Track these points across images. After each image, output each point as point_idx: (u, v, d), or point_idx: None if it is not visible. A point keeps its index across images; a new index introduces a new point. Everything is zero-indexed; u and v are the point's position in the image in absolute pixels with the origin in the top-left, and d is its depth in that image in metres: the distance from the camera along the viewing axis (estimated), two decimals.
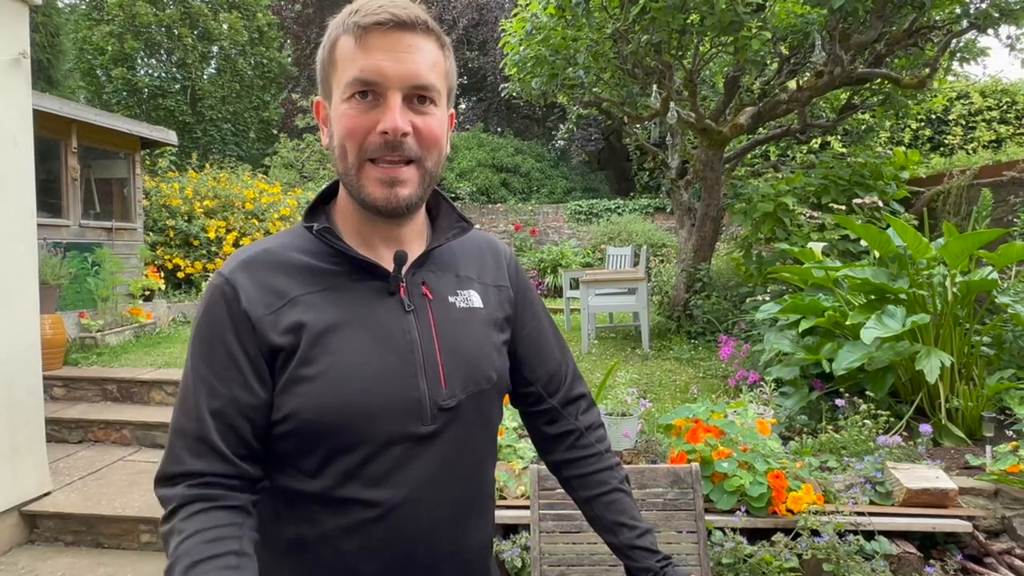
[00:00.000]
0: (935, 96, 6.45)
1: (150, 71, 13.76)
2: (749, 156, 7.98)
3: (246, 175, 9.42)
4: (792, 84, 5.66)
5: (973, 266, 3.32)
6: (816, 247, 3.99)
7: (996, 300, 3.25)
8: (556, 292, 9.89)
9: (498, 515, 2.50)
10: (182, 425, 0.79)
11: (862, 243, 4.12)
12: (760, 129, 6.21)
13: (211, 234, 7.90)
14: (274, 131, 14.73)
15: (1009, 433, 2.94)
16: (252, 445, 0.80)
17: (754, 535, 2.34)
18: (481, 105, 14.92)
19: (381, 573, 0.82)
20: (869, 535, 2.29)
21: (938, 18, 4.81)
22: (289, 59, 15.09)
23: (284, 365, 0.80)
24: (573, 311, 6.83)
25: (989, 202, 4.09)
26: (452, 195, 11.58)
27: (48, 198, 5.88)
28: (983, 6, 4.43)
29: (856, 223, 3.50)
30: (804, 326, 3.38)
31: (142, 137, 7.03)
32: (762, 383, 3.50)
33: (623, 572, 0.99)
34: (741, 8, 4.20)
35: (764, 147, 8.42)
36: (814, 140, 8.14)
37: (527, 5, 5.18)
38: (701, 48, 5.07)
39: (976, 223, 4.08)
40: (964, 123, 8.81)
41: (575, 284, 6.61)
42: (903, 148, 7.16)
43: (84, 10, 13.66)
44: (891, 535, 2.33)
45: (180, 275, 7.79)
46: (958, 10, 4.58)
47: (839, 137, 7.94)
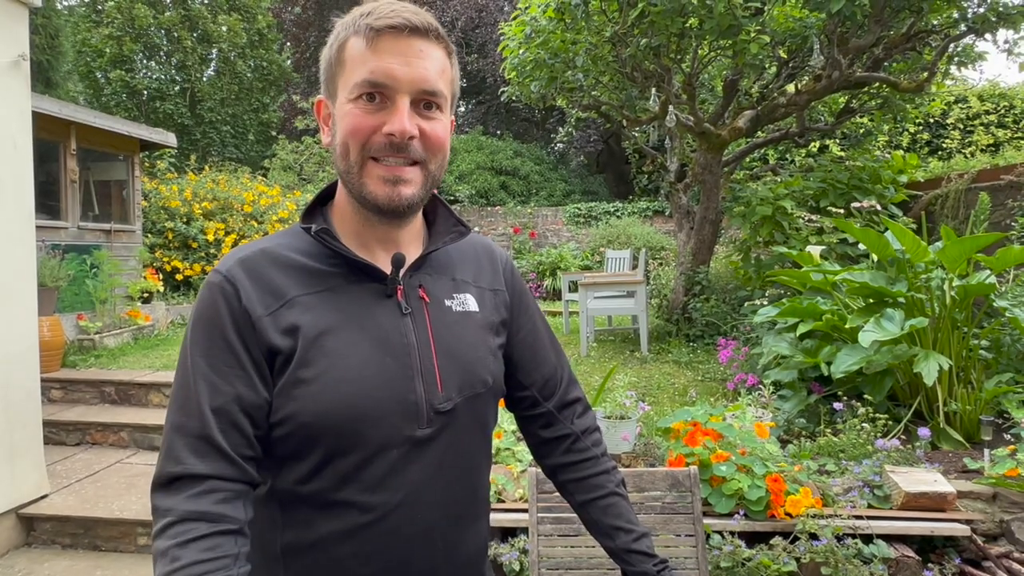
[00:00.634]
0: (933, 100, 6.48)
1: (149, 73, 13.76)
2: (748, 159, 7.99)
3: (245, 177, 9.43)
4: (790, 88, 5.68)
5: (971, 270, 3.33)
6: (814, 250, 3.99)
7: (994, 304, 3.26)
8: (555, 295, 9.89)
9: (496, 518, 2.50)
10: (182, 423, 0.76)
11: (860, 247, 4.13)
12: (759, 132, 6.23)
13: (210, 236, 7.89)
14: (273, 133, 14.73)
15: (1007, 437, 2.95)
16: (254, 445, 0.79)
17: (752, 539, 2.34)
18: (480, 108, 14.94)
19: None
20: (867, 539, 2.29)
21: (936, 22, 4.82)
22: (288, 62, 15.11)
23: (282, 368, 0.79)
24: (572, 314, 6.84)
25: (987, 206, 4.10)
26: (451, 198, 11.58)
27: (47, 200, 5.88)
28: (981, 10, 4.45)
29: (855, 227, 3.50)
30: (802, 329, 3.39)
31: (141, 139, 7.03)
32: (760, 386, 3.51)
33: None
34: (739, 12, 4.21)
35: (763, 150, 8.43)
36: (812, 144, 8.16)
37: (526, 8, 5.19)
38: (700, 52, 5.08)
39: (974, 227, 4.09)
40: (962, 127, 8.83)
41: (574, 287, 6.61)
42: (901, 152, 7.18)
43: (83, 12, 13.66)
44: (889, 539, 2.33)
45: (179, 277, 7.78)
46: (956, 14, 4.60)
47: (837, 141, 7.96)
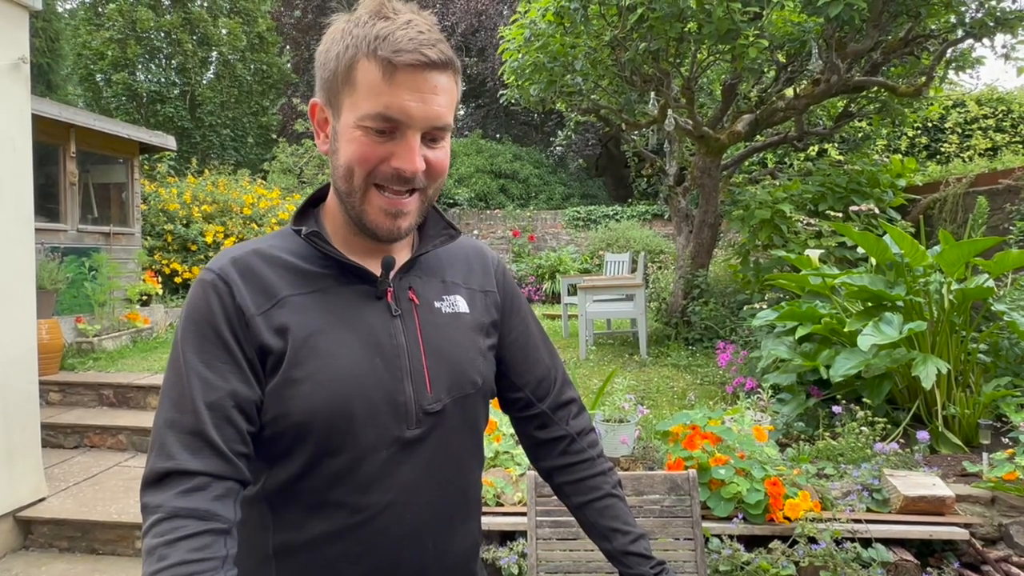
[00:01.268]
0: (931, 104, 6.49)
1: (149, 76, 13.79)
2: (746, 163, 8.01)
3: (245, 180, 9.43)
4: (789, 92, 5.69)
5: (969, 274, 3.33)
6: (813, 254, 4.00)
7: (992, 308, 3.26)
8: (554, 298, 9.89)
9: (495, 522, 2.50)
10: (173, 419, 0.75)
11: (859, 250, 4.13)
12: (757, 136, 6.24)
13: (209, 239, 7.90)
14: (273, 136, 14.75)
15: (1005, 440, 2.95)
16: (247, 442, 0.78)
17: (751, 542, 2.34)
18: (480, 111, 14.97)
19: None
20: (866, 543, 2.29)
21: (934, 27, 4.84)
22: (288, 65, 15.12)
23: (274, 368, 0.79)
24: (571, 317, 6.84)
25: (985, 210, 4.11)
26: (450, 201, 11.59)
27: (46, 203, 5.88)
28: (978, 15, 4.47)
29: (854, 230, 3.51)
30: (801, 333, 3.39)
31: (141, 142, 7.04)
32: (759, 390, 3.51)
33: None
34: (738, 17, 4.23)
35: (761, 154, 8.44)
36: (811, 147, 8.18)
37: (526, 12, 5.20)
38: (699, 56, 5.09)
39: (972, 231, 4.10)
40: (960, 131, 8.85)
41: (573, 290, 6.62)
42: (900, 156, 7.20)
43: (84, 15, 13.69)
44: (888, 543, 2.33)
45: (177, 280, 7.78)
46: (953, 19, 4.61)
47: (836, 144, 7.98)
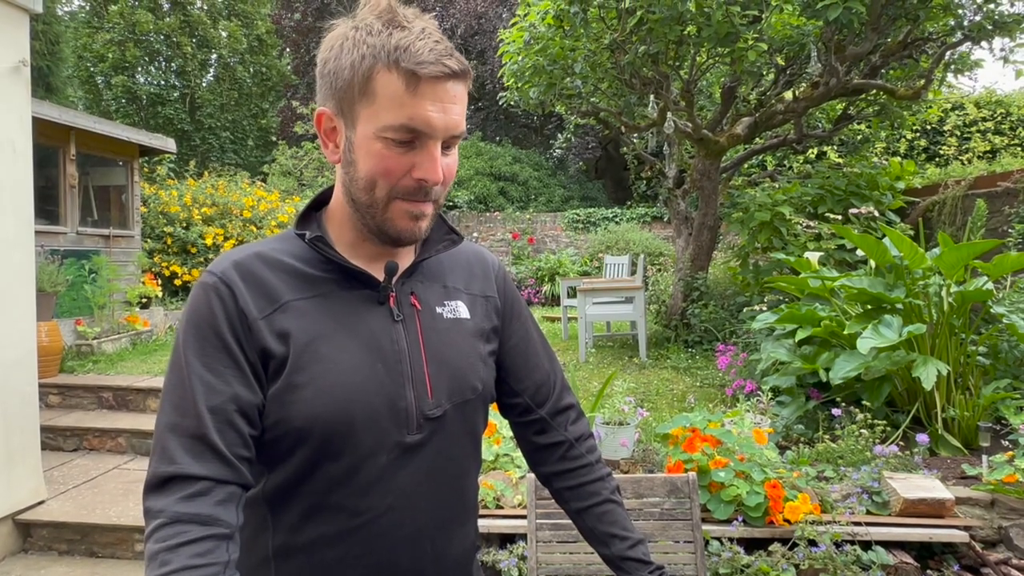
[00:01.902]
0: (930, 107, 6.50)
1: (149, 79, 13.80)
2: (746, 166, 8.02)
3: (244, 183, 9.44)
4: (788, 95, 5.70)
5: (968, 276, 3.34)
6: (812, 257, 4.00)
7: (991, 310, 3.27)
8: (553, 301, 9.89)
9: (495, 525, 2.50)
10: (175, 423, 0.74)
11: (858, 253, 4.14)
12: (757, 139, 6.25)
13: (209, 241, 7.90)
14: (273, 138, 14.76)
15: (1005, 443, 2.95)
16: (250, 446, 0.77)
17: (751, 545, 2.34)
18: (479, 114, 14.98)
19: None
20: (866, 545, 2.29)
21: (932, 30, 4.85)
22: (288, 67, 15.14)
23: (276, 372, 0.79)
24: (571, 320, 6.84)
25: (984, 212, 4.12)
26: (450, 203, 11.59)
27: (46, 205, 5.88)
28: (977, 19, 4.48)
29: (853, 233, 3.51)
30: (801, 335, 3.39)
31: (141, 145, 7.04)
32: (759, 392, 3.51)
33: None
34: (737, 20, 4.24)
35: (761, 157, 8.46)
36: (810, 150, 8.20)
37: (525, 15, 5.21)
38: (698, 59, 5.10)
39: (971, 233, 4.11)
40: (959, 134, 8.87)
41: (572, 293, 6.62)
42: (899, 158, 7.21)
43: (84, 18, 13.71)
44: (888, 545, 2.33)
45: (177, 282, 7.78)
46: (952, 22, 4.62)
47: (835, 147, 7.99)
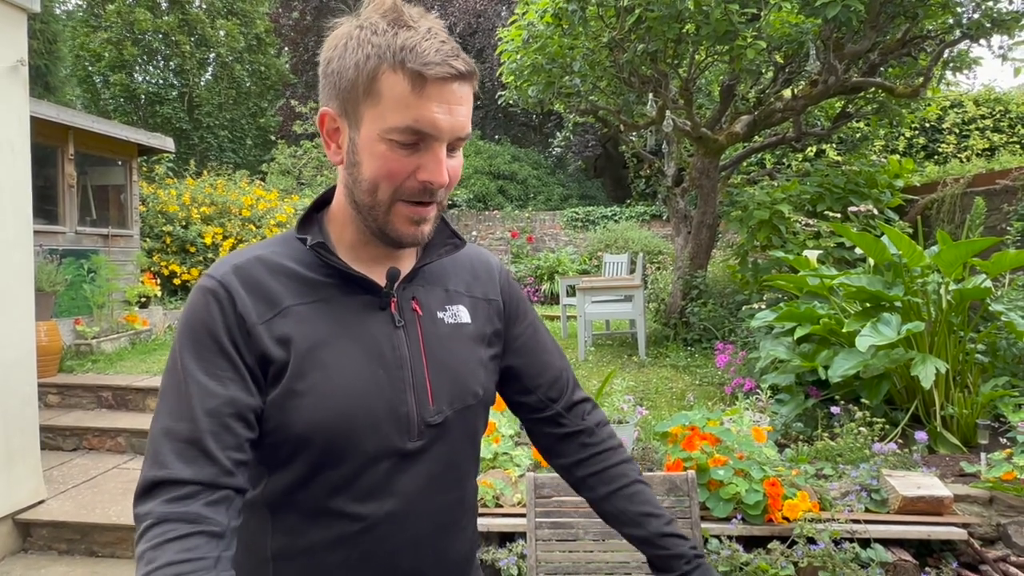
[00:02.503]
0: (929, 105, 6.51)
1: (147, 78, 13.78)
2: (745, 164, 8.02)
3: (243, 182, 9.43)
4: (787, 93, 5.70)
5: (967, 274, 3.34)
6: (811, 255, 4.01)
7: (990, 308, 3.27)
8: (553, 299, 9.89)
9: (494, 523, 2.50)
10: (169, 427, 0.73)
11: (857, 251, 4.14)
12: (756, 137, 6.25)
13: (208, 240, 7.89)
14: (271, 137, 14.75)
15: (1003, 440, 2.95)
16: (246, 450, 0.76)
17: (750, 543, 2.34)
18: (478, 112, 14.96)
19: None
20: (865, 543, 2.29)
21: (931, 28, 4.85)
22: (287, 66, 15.12)
23: (276, 378, 0.78)
24: (570, 318, 6.84)
25: (982, 210, 4.12)
26: (449, 202, 11.55)
27: (44, 205, 5.88)
28: (975, 16, 4.48)
29: (852, 231, 3.52)
30: (800, 333, 3.40)
31: (139, 144, 7.03)
32: (758, 390, 3.51)
33: None
34: (736, 18, 4.23)
35: (760, 155, 8.46)
36: (809, 148, 8.19)
37: (524, 14, 5.21)
38: (696, 57, 5.10)
39: (970, 231, 4.11)
40: (958, 131, 8.87)
41: (572, 291, 6.62)
42: (897, 156, 7.22)
43: (82, 16, 13.68)
44: (887, 543, 2.33)
45: (176, 282, 7.78)
46: (951, 20, 4.63)
47: (834, 145, 7.99)
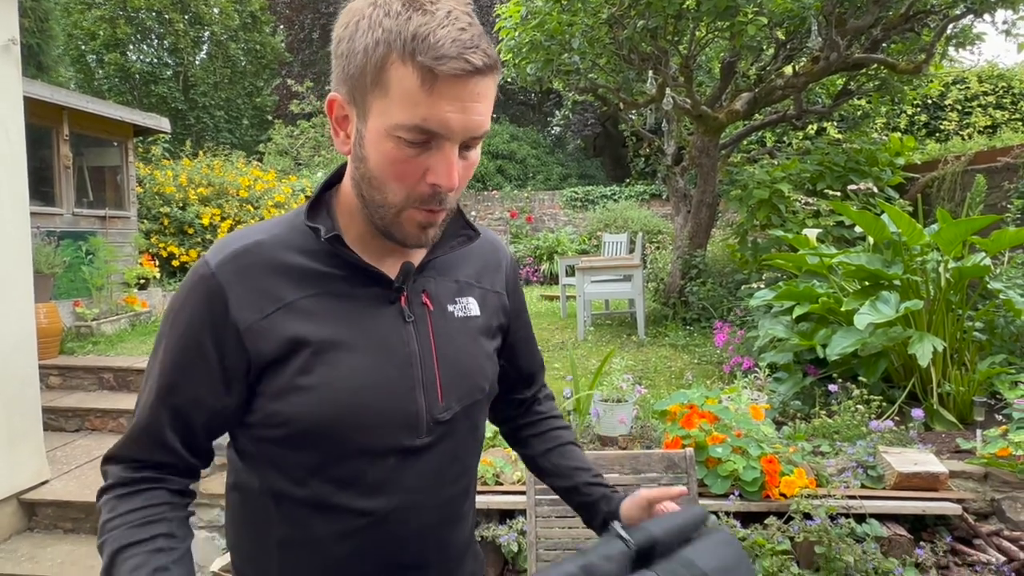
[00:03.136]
0: (931, 81, 6.44)
1: (142, 56, 13.61)
2: (745, 142, 7.97)
3: (240, 162, 9.37)
4: (788, 70, 5.65)
5: (966, 252, 3.34)
6: (811, 234, 4.00)
7: (988, 286, 3.28)
8: (552, 279, 9.89)
9: (494, 501, 2.53)
10: (138, 415, 0.79)
11: (857, 229, 4.13)
12: (756, 115, 6.20)
13: (206, 221, 7.86)
14: (268, 117, 14.61)
15: (999, 417, 2.98)
16: (204, 444, 0.81)
17: (747, 519, 2.37)
18: None
19: (371, 575, 0.83)
20: (860, 518, 2.32)
21: (935, 3, 4.79)
22: (282, 44, 14.93)
23: (278, 372, 0.77)
24: (569, 298, 6.85)
25: (983, 188, 4.11)
26: None
27: (41, 186, 5.84)
28: None
29: (851, 209, 3.51)
30: (798, 312, 3.40)
31: (135, 124, 6.97)
32: (756, 369, 3.53)
33: None
34: None
35: (760, 133, 8.40)
36: (810, 126, 8.13)
37: None
38: (697, 34, 5.04)
39: (970, 209, 4.10)
40: (960, 108, 8.81)
41: (571, 271, 6.62)
42: (899, 134, 7.16)
43: None
44: (882, 518, 2.36)
45: (175, 263, 7.77)
46: None
47: (835, 123, 7.93)
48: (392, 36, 0.68)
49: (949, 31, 5.03)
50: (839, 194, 4.95)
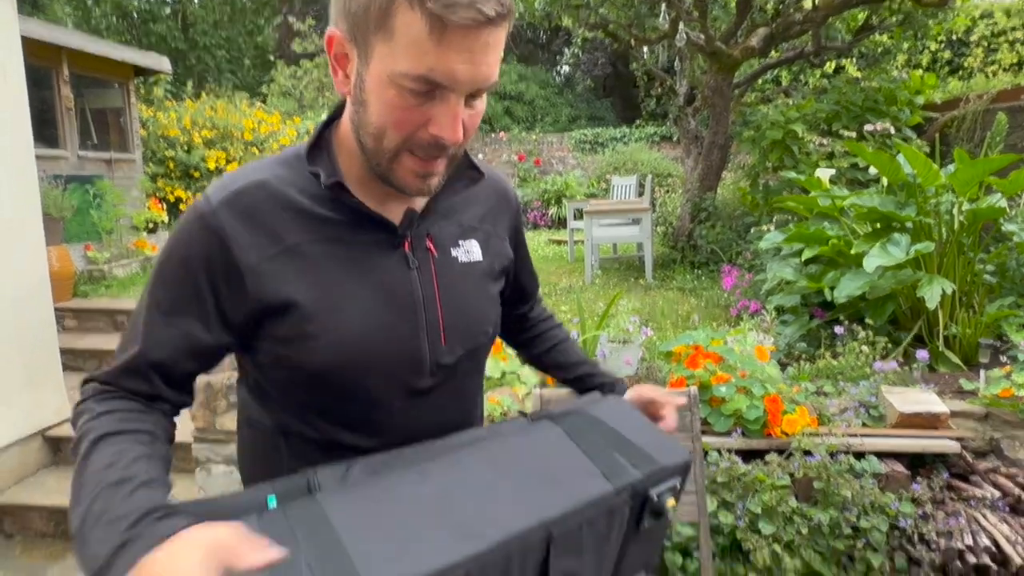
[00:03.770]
0: (957, 15, 6.18)
1: None
2: (760, 81, 7.73)
3: (244, 104, 9.22)
4: (807, 3, 5.42)
5: (982, 193, 3.28)
6: (824, 174, 3.92)
7: (1003, 228, 3.23)
8: (560, 223, 9.83)
9: None
10: (123, 345, 0.77)
11: (871, 171, 4.05)
12: (772, 52, 6.00)
13: (211, 165, 7.81)
14: (270, 57, 14.28)
15: (1004, 359, 2.99)
16: (187, 381, 0.79)
17: (749, 455, 2.43)
18: None
19: None
20: (860, 455, 2.37)
21: None
22: None
23: (284, 318, 0.76)
24: (577, 242, 6.82)
25: (1004, 127, 3.98)
26: None
27: (44, 129, 5.80)
28: None
29: (866, 150, 3.43)
30: (808, 255, 3.38)
31: (135, 65, 6.84)
32: (763, 311, 3.54)
33: None
34: None
35: (775, 72, 8.14)
36: (828, 64, 7.86)
37: None
38: None
39: (989, 149, 3.99)
40: (986, 44, 8.46)
41: (579, 215, 6.57)
42: (920, 71, 6.92)
43: None
44: (882, 456, 2.41)
45: (183, 207, 7.76)
46: None
47: (854, 60, 7.66)
48: None
49: None
50: (855, 135, 4.83)
